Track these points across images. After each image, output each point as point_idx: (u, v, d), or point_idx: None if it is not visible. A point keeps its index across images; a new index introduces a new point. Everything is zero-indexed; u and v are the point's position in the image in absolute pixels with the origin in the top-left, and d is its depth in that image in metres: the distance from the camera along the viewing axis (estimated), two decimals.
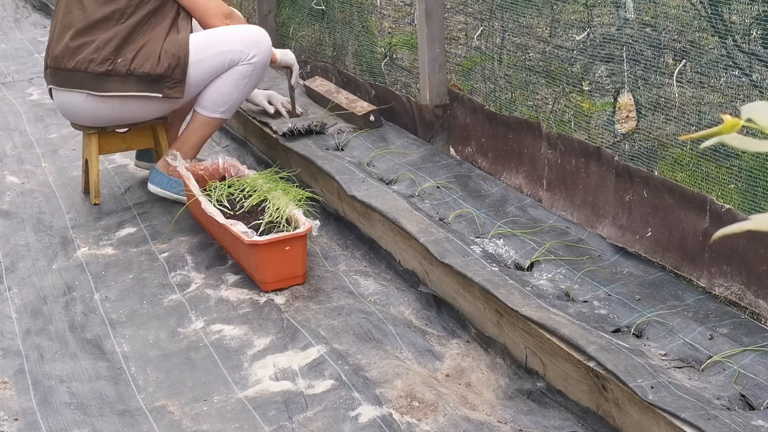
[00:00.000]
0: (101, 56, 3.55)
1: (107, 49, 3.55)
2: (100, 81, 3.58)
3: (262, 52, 3.73)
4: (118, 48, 3.55)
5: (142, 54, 3.55)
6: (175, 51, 3.57)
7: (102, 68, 3.55)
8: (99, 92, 3.60)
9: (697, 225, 2.60)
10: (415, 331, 2.86)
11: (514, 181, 3.43)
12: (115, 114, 3.71)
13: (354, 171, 3.59)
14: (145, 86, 3.59)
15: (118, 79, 3.57)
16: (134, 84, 3.58)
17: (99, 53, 3.55)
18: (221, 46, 3.68)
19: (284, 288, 3.12)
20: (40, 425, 2.51)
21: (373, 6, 4.39)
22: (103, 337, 2.96)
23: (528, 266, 2.89)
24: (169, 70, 3.57)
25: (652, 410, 2.12)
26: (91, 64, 3.56)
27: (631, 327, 2.48)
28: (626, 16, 2.89)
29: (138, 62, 3.55)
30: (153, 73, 3.56)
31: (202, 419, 2.51)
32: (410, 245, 3.09)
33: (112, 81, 3.58)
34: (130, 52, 3.55)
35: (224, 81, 3.70)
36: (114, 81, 3.57)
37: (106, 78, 3.57)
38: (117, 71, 3.55)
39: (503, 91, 3.52)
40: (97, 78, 3.57)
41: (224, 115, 3.78)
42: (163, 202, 3.86)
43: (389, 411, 2.43)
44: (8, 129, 4.99)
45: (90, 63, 3.56)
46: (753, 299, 2.46)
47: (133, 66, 3.55)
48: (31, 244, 3.64)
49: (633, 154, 2.89)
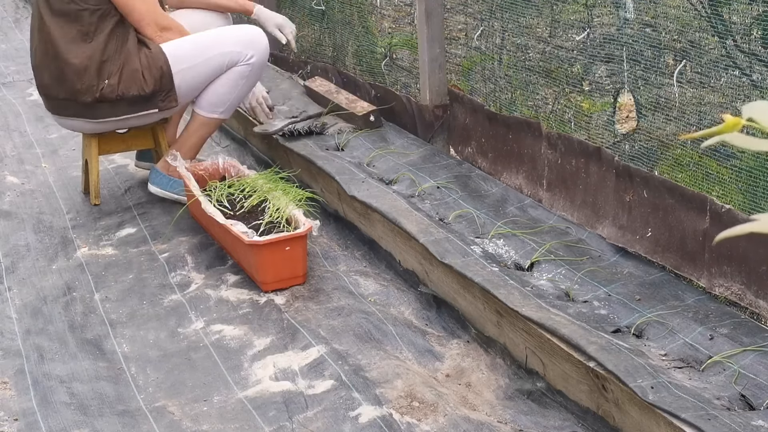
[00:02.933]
0: (84, 85, 3.56)
1: (88, 76, 3.55)
2: (92, 109, 3.62)
3: (260, 52, 3.74)
4: (98, 72, 3.54)
5: (125, 77, 3.56)
6: (156, 65, 3.59)
7: (89, 97, 3.58)
8: (94, 119, 3.68)
9: (697, 225, 2.60)
10: (415, 331, 2.86)
11: (514, 181, 3.43)
12: (118, 125, 3.78)
13: (354, 171, 3.59)
14: (138, 106, 3.63)
15: (108, 105, 3.60)
16: (127, 107, 3.62)
17: (81, 81, 3.55)
18: (219, 48, 3.69)
19: (284, 288, 3.12)
20: (40, 425, 2.51)
21: (373, 6, 4.39)
22: (103, 337, 2.96)
23: (528, 266, 2.89)
24: (157, 85, 3.60)
25: (652, 410, 2.12)
26: (78, 95, 3.59)
27: (631, 327, 2.48)
28: (626, 16, 2.89)
29: (124, 86, 3.56)
30: (142, 94, 3.60)
31: (202, 419, 2.51)
32: (410, 245, 3.09)
33: (103, 107, 3.61)
34: (112, 76, 3.55)
35: (222, 82, 3.71)
36: (105, 107, 3.61)
37: (97, 105, 3.60)
38: (106, 98, 3.57)
39: (503, 91, 3.52)
40: (87, 106, 3.61)
41: (223, 115, 3.79)
42: (163, 203, 3.86)
43: (389, 411, 2.43)
44: (8, 129, 4.99)
45: (77, 93, 3.58)
46: (753, 299, 2.45)
47: (121, 91, 3.57)
48: (31, 244, 3.64)
49: (633, 154, 2.89)
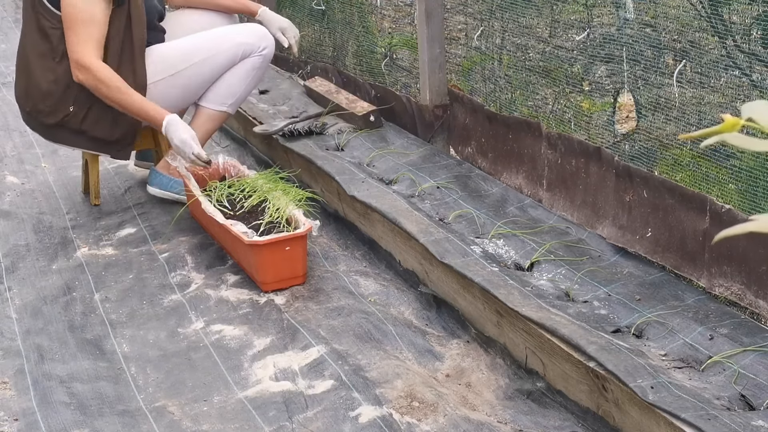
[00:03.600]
0: (47, 107, 3.55)
1: (51, 99, 3.53)
2: (51, 130, 3.62)
3: (271, 45, 3.79)
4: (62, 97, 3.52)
5: (93, 114, 3.55)
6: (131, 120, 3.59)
7: (52, 120, 3.57)
8: (51, 141, 3.71)
9: (697, 225, 2.60)
10: (415, 331, 2.86)
11: (514, 181, 3.43)
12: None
13: (354, 171, 3.60)
14: (96, 145, 3.64)
15: (68, 131, 3.60)
16: (85, 141, 3.63)
17: (44, 103, 3.55)
18: (234, 39, 3.72)
19: (284, 288, 3.12)
20: (40, 425, 2.51)
21: (373, 6, 4.39)
22: (103, 337, 2.96)
23: (528, 266, 2.89)
24: (124, 135, 3.63)
25: (652, 410, 2.12)
26: (40, 115, 3.58)
27: (631, 327, 2.48)
28: (626, 16, 2.89)
29: (90, 124, 3.56)
30: (107, 139, 3.61)
31: (202, 419, 2.51)
32: (410, 245, 3.09)
33: (62, 132, 3.61)
34: (79, 105, 3.53)
35: (235, 72, 3.73)
36: (64, 132, 3.61)
37: (55, 128, 3.60)
38: (68, 125, 3.57)
39: (503, 91, 3.52)
40: (47, 126, 3.61)
41: (230, 109, 3.79)
42: (163, 203, 3.86)
43: (389, 411, 2.43)
44: (8, 129, 4.99)
45: (39, 114, 3.58)
46: (753, 299, 2.45)
47: (85, 126, 3.56)
48: (31, 244, 3.64)
49: (633, 154, 2.89)
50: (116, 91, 3.45)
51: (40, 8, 3.51)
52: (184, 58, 3.66)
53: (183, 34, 3.78)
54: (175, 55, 3.66)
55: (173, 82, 3.65)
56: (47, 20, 3.50)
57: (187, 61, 3.65)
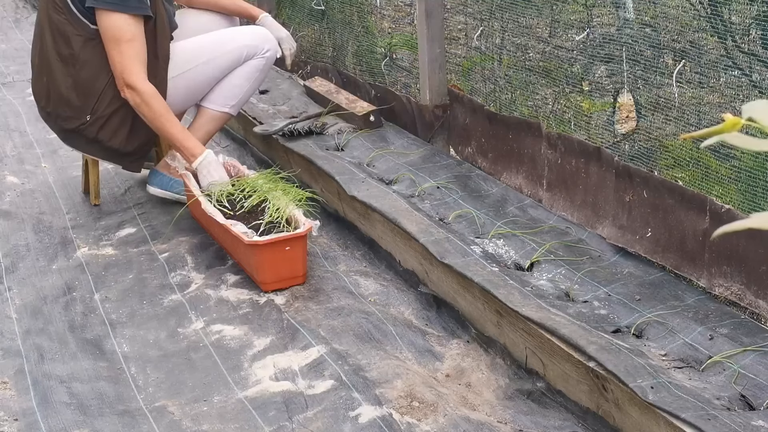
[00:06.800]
0: (65, 113, 3.56)
1: (70, 107, 3.55)
2: (67, 134, 3.64)
3: (273, 47, 3.80)
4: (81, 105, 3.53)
5: (111, 125, 3.56)
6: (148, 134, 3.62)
7: (70, 125, 3.59)
8: (66, 144, 3.73)
9: (697, 225, 2.60)
10: (415, 331, 2.86)
11: (514, 181, 3.43)
12: None
13: (354, 171, 3.60)
14: (109, 155, 3.66)
15: (83, 138, 3.61)
16: (98, 150, 3.64)
17: (63, 108, 3.56)
18: (239, 41, 3.73)
19: (284, 288, 3.12)
20: (40, 425, 2.51)
21: (373, 6, 4.39)
22: (103, 337, 2.96)
23: (528, 266, 2.89)
24: (139, 147, 3.66)
25: (652, 410, 2.12)
26: (58, 119, 3.60)
27: (631, 327, 2.48)
28: (626, 16, 2.89)
29: (106, 134, 3.57)
30: (121, 150, 3.63)
31: (202, 419, 2.51)
32: (410, 245, 3.09)
33: (77, 138, 3.63)
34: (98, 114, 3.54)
35: (238, 74, 3.74)
36: (79, 138, 3.62)
37: (72, 133, 3.61)
38: (84, 133, 3.58)
39: (503, 91, 3.52)
40: (65, 130, 3.63)
41: (232, 110, 3.80)
42: (163, 203, 3.86)
43: (389, 411, 2.43)
44: (8, 129, 4.99)
45: (58, 117, 3.60)
46: (753, 299, 2.46)
47: (101, 137, 3.57)
48: (31, 244, 3.64)
49: (633, 154, 2.89)
50: (159, 116, 3.46)
51: (66, 13, 3.48)
52: (188, 59, 3.66)
53: (183, 34, 3.78)
54: (180, 56, 3.66)
55: (177, 83, 3.65)
56: (71, 26, 3.48)
57: (191, 62, 3.66)
